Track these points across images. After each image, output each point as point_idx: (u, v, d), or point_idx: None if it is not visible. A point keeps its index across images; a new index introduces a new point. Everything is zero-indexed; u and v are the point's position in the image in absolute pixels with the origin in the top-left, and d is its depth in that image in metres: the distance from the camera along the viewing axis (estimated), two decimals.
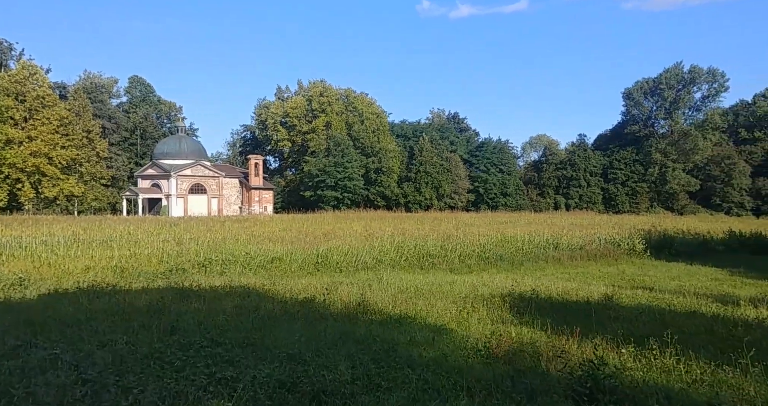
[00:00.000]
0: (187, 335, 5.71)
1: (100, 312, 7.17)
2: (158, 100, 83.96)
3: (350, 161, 69.84)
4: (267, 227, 31.92)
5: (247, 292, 8.99)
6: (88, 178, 58.75)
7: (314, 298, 7.92)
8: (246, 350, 4.92)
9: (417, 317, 6.15)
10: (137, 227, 32.04)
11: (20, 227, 28.59)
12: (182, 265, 15.70)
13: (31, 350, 5.04)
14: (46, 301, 8.46)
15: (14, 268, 14.44)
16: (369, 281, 10.64)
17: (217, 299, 8.32)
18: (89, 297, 8.38)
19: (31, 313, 7.21)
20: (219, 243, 20.00)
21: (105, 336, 5.65)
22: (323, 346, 4.86)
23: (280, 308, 7.24)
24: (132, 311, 7.31)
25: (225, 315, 6.82)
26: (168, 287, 9.70)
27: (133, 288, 9.72)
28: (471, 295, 8.01)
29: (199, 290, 9.10)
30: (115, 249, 18.87)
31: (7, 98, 51.11)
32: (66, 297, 8.78)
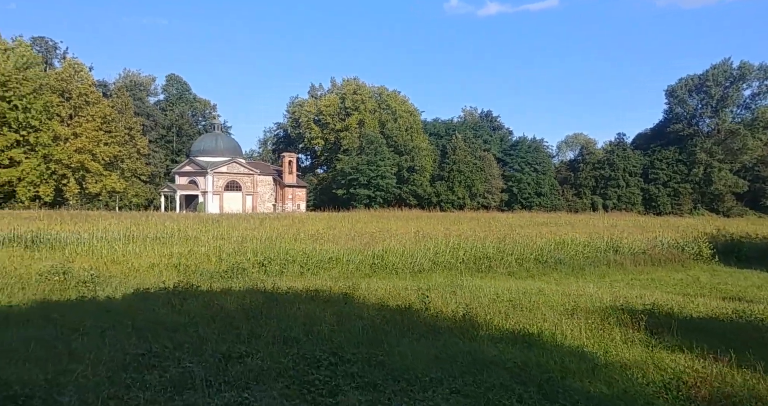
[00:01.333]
0: (303, 347, 5.38)
1: (196, 316, 6.95)
2: (194, 98, 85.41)
3: (383, 159, 69.56)
4: (309, 225, 31.80)
5: (331, 296, 8.67)
6: (129, 175, 60.08)
7: (410, 306, 7.53)
8: (379, 370, 4.55)
9: (542, 335, 5.66)
10: (182, 223, 32.35)
11: (72, 223, 29.14)
12: (242, 264, 15.58)
13: (155, 360, 4.78)
14: (134, 301, 8.31)
15: (83, 264, 14.54)
16: (447, 286, 10.21)
17: (304, 302, 8.02)
18: (177, 298, 8.19)
19: (129, 315, 7.04)
20: (273, 242, 19.86)
21: (220, 346, 5.37)
22: (463, 371, 4.43)
23: (380, 317, 6.87)
24: (226, 315, 7.06)
25: (327, 324, 6.49)
26: (250, 288, 9.48)
27: (213, 289, 9.53)
28: (577, 307, 7.47)
29: (282, 293, 8.82)
30: (172, 246, 18.96)
31: (54, 96, 52.55)
32: (152, 297, 8.63)
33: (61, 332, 6.21)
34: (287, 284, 10.36)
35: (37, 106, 50.21)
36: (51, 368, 4.45)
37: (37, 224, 25.49)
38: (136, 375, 4.31)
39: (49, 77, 53.66)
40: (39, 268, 13.90)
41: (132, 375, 4.33)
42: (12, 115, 49.10)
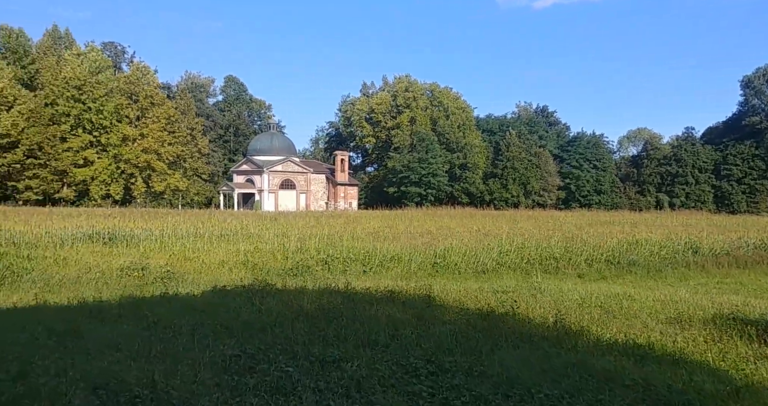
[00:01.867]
0: (393, 352, 5.18)
1: (279, 315, 6.93)
2: (250, 99, 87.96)
3: (434, 157, 68.90)
4: (365, 223, 31.87)
5: (408, 297, 8.46)
6: (191, 174, 62.66)
7: (492, 310, 7.20)
8: (484, 383, 4.26)
9: (654, 347, 5.17)
10: (242, 221, 33.30)
11: (142, 220, 30.63)
12: (306, 262, 15.71)
13: (250, 362, 4.72)
14: (214, 298, 8.44)
15: (158, 261, 15.12)
16: (523, 288, 9.75)
17: (381, 304, 7.85)
18: (256, 297, 8.24)
19: (214, 313, 7.11)
20: (334, 240, 19.96)
21: (310, 348, 5.26)
22: (579, 387, 4.06)
23: (463, 321, 6.59)
24: (307, 315, 6.99)
25: (411, 327, 6.27)
26: (323, 288, 9.44)
27: (287, 287, 9.56)
28: (681, 315, 6.83)
29: (358, 293, 8.69)
30: (237, 243, 19.45)
31: (123, 98, 55.57)
32: (230, 295, 8.75)
33: (155, 329, 6.33)
34: (356, 283, 10.24)
35: (109, 108, 53.31)
36: (157, 368, 4.46)
37: (113, 221, 26.96)
38: (237, 378, 4.25)
39: (119, 80, 56.80)
40: (119, 264, 14.61)
41: (234, 377, 4.27)
42: (86, 117, 52.37)
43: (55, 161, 50.12)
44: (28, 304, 9.71)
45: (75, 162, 52.04)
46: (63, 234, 20.52)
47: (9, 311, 8.42)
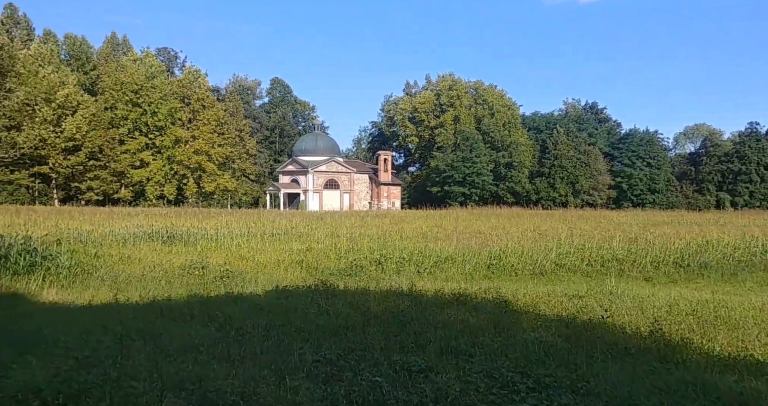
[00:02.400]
0: (480, 362, 4.87)
1: (348, 318, 6.77)
2: (295, 100, 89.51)
3: (479, 156, 67.79)
4: (412, 223, 31.59)
5: (477, 301, 8.13)
6: (239, 174, 64.27)
7: (573, 317, 6.77)
8: (593, 400, 3.89)
9: None
10: (291, 220, 33.77)
11: (196, 219, 31.55)
12: (359, 262, 15.60)
13: (332, 369, 4.54)
14: (278, 299, 8.39)
15: (216, 259, 15.39)
16: (596, 293, 9.21)
17: (451, 307, 7.55)
18: (320, 298, 8.13)
19: (282, 314, 7.03)
20: (385, 239, 19.81)
21: (390, 355, 5.04)
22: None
23: (542, 328, 6.21)
24: (378, 319, 6.78)
25: (489, 334, 5.94)
26: (387, 289, 9.23)
27: (349, 288, 9.41)
28: None
29: (422, 296, 8.43)
30: (288, 242, 19.63)
31: (176, 101, 57.67)
32: (293, 295, 8.68)
33: (228, 330, 6.28)
34: (417, 284, 9.97)
35: (163, 111, 55.46)
36: (241, 373, 4.35)
37: (170, 221, 27.91)
38: (325, 387, 4.06)
39: (173, 84, 58.96)
40: (180, 262, 14.97)
41: (321, 386, 4.09)
42: (143, 120, 54.69)
43: (114, 163, 52.58)
44: (102, 301, 10.02)
45: (132, 164, 54.42)
46: (125, 233, 21.36)
47: (86, 308, 8.66)
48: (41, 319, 7.54)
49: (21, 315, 7.88)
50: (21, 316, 7.77)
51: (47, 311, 8.55)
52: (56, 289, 11.76)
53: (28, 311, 8.55)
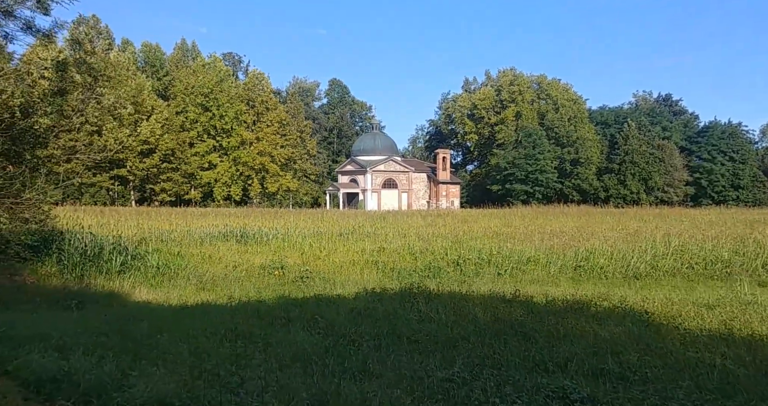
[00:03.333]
0: (661, 394, 4.11)
1: (459, 327, 6.22)
2: (352, 101, 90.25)
3: (542, 152, 65.29)
4: (480, 222, 30.60)
5: (599, 310, 7.33)
6: (300, 175, 65.48)
7: (730, 332, 5.86)
8: None
9: None
10: (354, 220, 33.73)
11: (263, 219, 32.18)
12: (436, 263, 15.06)
13: (465, 390, 3.99)
14: (372, 303, 7.98)
15: (294, 259, 15.33)
16: (731, 300, 8.13)
17: (567, 316, 6.81)
18: (418, 302, 7.63)
19: (386, 321, 6.60)
20: (459, 239, 19.12)
21: (526, 374, 4.43)
22: None
23: (693, 345, 5.37)
24: (491, 329, 6.17)
25: (635, 352, 5.17)
26: (488, 293, 8.61)
27: (442, 292, 8.86)
28: None
29: (533, 303, 7.73)
30: (357, 242, 19.37)
31: (242, 104, 59.57)
32: (386, 299, 8.26)
33: (332, 337, 5.90)
34: (500, 287, 9.26)
35: (230, 114, 57.42)
36: (369, 392, 3.90)
37: (240, 221, 28.58)
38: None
39: (238, 87, 60.96)
40: (259, 262, 15.06)
41: None
42: (211, 123, 56.91)
43: (184, 165, 55.02)
44: (194, 301, 10.08)
45: (201, 166, 56.72)
46: (201, 233, 21.95)
47: (184, 309, 8.62)
48: (144, 320, 7.53)
49: (123, 317, 7.93)
50: (124, 318, 7.82)
51: (146, 312, 8.60)
52: (147, 288, 12.05)
53: (128, 312, 8.63)
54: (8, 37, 12.38)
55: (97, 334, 6.57)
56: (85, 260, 12.88)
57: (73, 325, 7.00)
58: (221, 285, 12.79)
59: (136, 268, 13.20)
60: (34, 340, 6.07)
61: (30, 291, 9.81)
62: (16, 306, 8.91)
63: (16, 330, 6.40)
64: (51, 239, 12.97)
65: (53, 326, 6.95)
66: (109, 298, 10.56)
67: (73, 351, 5.60)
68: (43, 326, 6.82)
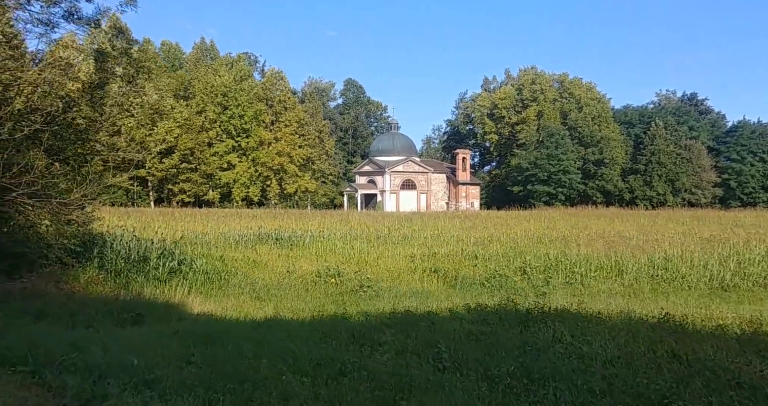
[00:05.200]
0: None
1: (633, 369, 5.02)
2: (368, 101, 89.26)
3: (565, 153, 63.78)
4: (518, 225, 29.29)
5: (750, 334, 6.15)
6: (318, 175, 64.50)
7: None
8: None
9: None
10: (381, 222, 32.64)
11: (290, 220, 31.15)
12: (501, 270, 13.90)
13: None
14: (479, 324, 6.81)
15: (339, 264, 14.19)
16: None
17: (746, 348, 5.63)
18: (533, 322, 6.50)
19: (539, 357, 5.41)
20: (517, 244, 17.92)
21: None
22: None
23: None
24: (676, 372, 4.98)
25: None
26: (617, 315, 7.41)
27: (553, 309, 7.68)
28: None
29: (684, 327, 6.54)
30: (402, 246, 18.26)
31: (261, 104, 58.71)
32: (488, 316, 7.11)
33: (488, 383, 4.73)
34: (581, 302, 8.08)
35: (249, 113, 56.58)
36: None
37: (270, 222, 27.55)
38: None
39: (257, 87, 60.11)
40: (310, 268, 14.00)
41: None
42: (231, 123, 56.10)
43: (203, 165, 54.23)
44: (263, 315, 9.02)
45: (220, 166, 55.91)
46: (234, 235, 20.97)
47: (255, 327, 7.52)
48: (224, 342, 6.46)
49: (197, 336, 6.86)
50: (199, 338, 6.75)
51: (217, 329, 7.52)
52: (199, 297, 11.03)
53: (197, 329, 7.56)
54: (50, 24, 11.42)
55: (183, 361, 5.51)
56: (129, 266, 11.88)
57: (151, 349, 5.94)
58: (277, 294, 11.74)
59: (183, 274, 12.18)
60: (116, 370, 5.01)
61: (80, 301, 8.80)
62: (71, 319, 7.89)
63: (91, 356, 5.35)
64: (93, 243, 11.97)
65: (128, 348, 5.90)
66: (165, 309, 9.52)
67: (168, 390, 4.53)
68: (118, 350, 5.77)
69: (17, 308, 7.73)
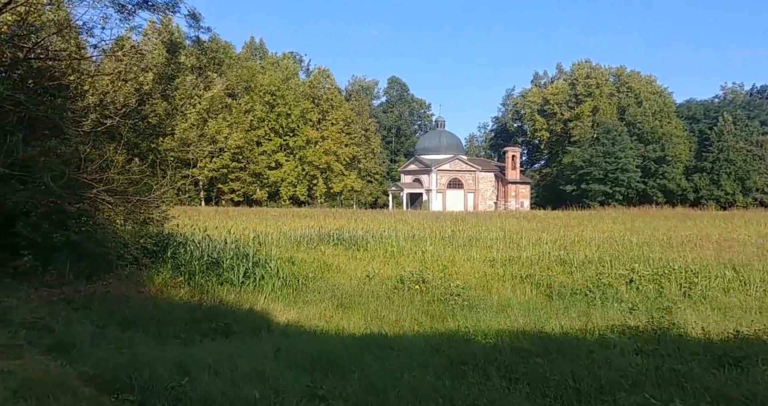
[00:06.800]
0: None
1: None
2: (411, 99, 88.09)
3: (623, 150, 60.58)
4: (589, 227, 27.36)
5: None
6: (364, 174, 63.84)
7: None
8: None
9: None
10: (436, 222, 31.41)
11: (343, 219, 30.36)
12: (602, 278, 12.38)
13: None
14: (655, 358, 5.44)
15: (432, 271, 13.05)
16: None
17: None
18: (699, 349, 5.15)
19: None
20: (604, 247, 16.31)
21: None
22: None
23: None
24: None
25: None
26: None
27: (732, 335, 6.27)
28: None
29: None
30: (490, 250, 16.96)
31: (307, 102, 58.52)
32: (638, 342, 5.78)
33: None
34: None
35: (296, 112, 56.46)
36: None
37: (331, 222, 26.81)
38: None
39: (304, 85, 60.01)
40: (393, 274, 12.96)
41: None
42: (279, 121, 56.15)
43: (252, 165, 54.46)
44: (360, 330, 8.01)
45: (268, 165, 56.05)
46: (294, 235, 20.28)
47: (364, 346, 6.45)
48: (346, 368, 5.43)
49: (305, 355, 5.87)
50: (307, 357, 5.76)
51: (324, 346, 6.52)
52: (281, 304, 10.15)
53: (297, 345, 6.59)
54: (126, 11, 10.79)
55: (310, 394, 4.50)
56: (202, 267, 11.16)
57: (263, 374, 4.97)
58: (360, 302, 10.72)
59: (258, 277, 11.37)
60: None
61: (164, 308, 8.03)
62: (158, 329, 7.09)
63: (202, 383, 4.42)
64: (167, 243, 11.32)
65: (237, 372, 4.96)
66: (249, 318, 8.66)
67: None
68: (228, 374, 4.84)
69: (103, 314, 7.00)
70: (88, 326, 6.38)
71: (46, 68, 8.65)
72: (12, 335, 5.62)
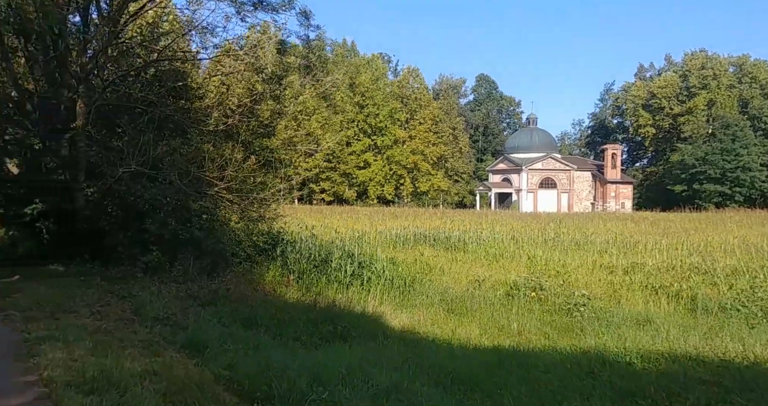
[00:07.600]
0: None
1: None
2: (500, 96, 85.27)
3: (746, 147, 53.91)
4: (715, 231, 24.34)
5: None
6: (452, 173, 62.73)
7: None
8: None
9: None
10: (533, 223, 29.76)
11: (436, 220, 29.71)
12: (760, 292, 10.61)
13: None
14: None
15: (548, 278, 12.03)
16: None
17: None
18: None
19: None
20: (750, 255, 14.22)
21: None
22: None
23: None
24: None
25: None
26: None
27: None
28: None
29: None
30: (610, 256, 15.51)
31: (395, 102, 58.62)
32: None
33: None
34: None
35: (384, 112, 56.77)
36: None
37: (422, 222, 26.37)
38: None
39: (392, 85, 60.21)
40: (503, 278, 12.19)
41: None
42: (368, 121, 56.83)
43: (342, 165, 55.58)
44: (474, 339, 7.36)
45: (357, 165, 56.91)
46: (390, 234, 20.05)
47: (500, 364, 5.76)
48: (480, 384, 4.84)
49: (432, 368, 5.33)
50: (434, 370, 5.21)
51: (454, 356, 5.96)
52: (389, 306, 9.78)
53: (425, 354, 6.08)
54: (241, 13, 10.98)
55: None
56: (310, 266, 11.11)
57: (400, 389, 4.49)
58: (471, 307, 10.05)
59: (365, 278, 11.11)
60: None
61: (282, 307, 7.93)
62: (278, 329, 6.95)
63: (340, 395, 4.04)
64: (276, 241, 11.41)
65: (371, 384, 4.54)
66: (363, 321, 8.35)
67: None
68: (362, 386, 4.43)
69: (227, 312, 6.99)
70: (216, 324, 6.36)
71: (173, 70, 8.91)
72: (149, 331, 5.68)
